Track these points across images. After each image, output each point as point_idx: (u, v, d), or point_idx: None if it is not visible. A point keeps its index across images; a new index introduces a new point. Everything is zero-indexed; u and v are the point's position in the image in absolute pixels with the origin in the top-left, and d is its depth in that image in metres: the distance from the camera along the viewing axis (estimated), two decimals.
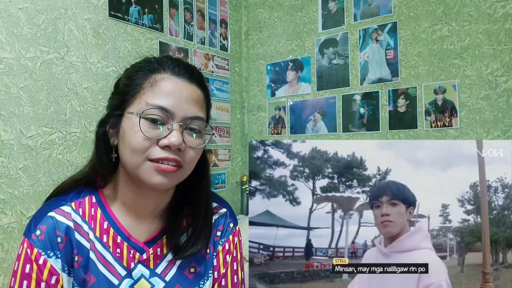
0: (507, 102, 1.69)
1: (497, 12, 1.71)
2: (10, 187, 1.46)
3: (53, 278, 0.68)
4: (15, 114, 1.47)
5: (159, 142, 0.67)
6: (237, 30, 2.58)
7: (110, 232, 0.73)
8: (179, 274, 0.76)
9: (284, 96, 2.40)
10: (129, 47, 1.88)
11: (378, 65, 2.03)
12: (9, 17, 1.46)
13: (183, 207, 0.80)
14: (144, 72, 0.72)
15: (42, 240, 0.68)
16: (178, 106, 0.69)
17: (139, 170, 0.68)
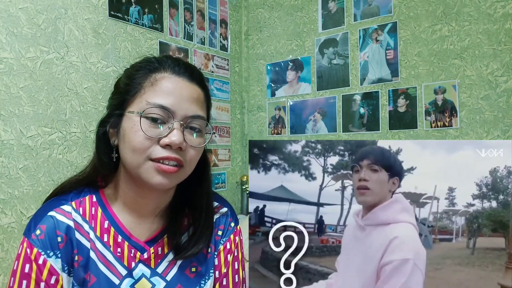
0: (507, 102, 1.69)
1: (497, 12, 1.71)
2: (10, 187, 1.46)
3: (53, 278, 0.68)
4: (15, 114, 1.47)
5: (160, 141, 0.67)
6: (237, 30, 2.58)
7: (111, 232, 0.73)
8: (180, 274, 0.76)
9: (284, 96, 2.40)
10: (129, 47, 1.88)
11: (378, 65, 2.03)
12: (9, 17, 1.46)
13: (184, 207, 0.80)
14: (145, 72, 0.72)
15: (42, 239, 0.68)
16: (179, 105, 0.69)
17: (140, 169, 0.68)
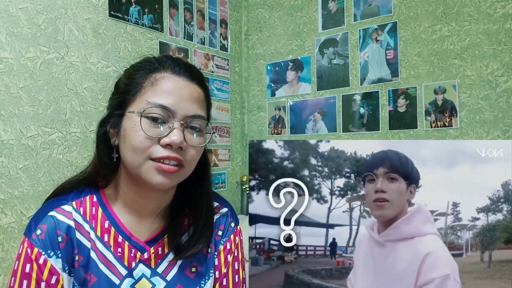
0: (507, 102, 1.69)
1: (497, 12, 1.71)
2: (10, 187, 1.46)
3: (53, 278, 0.68)
4: (15, 114, 1.47)
5: (160, 141, 0.67)
6: (237, 30, 2.58)
7: (111, 232, 0.73)
8: (180, 274, 0.76)
9: (284, 96, 2.40)
10: (129, 47, 1.88)
11: (378, 65, 2.03)
12: (9, 17, 1.46)
13: (184, 207, 0.80)
14: (145, 72, 0.72)
15: (42, 239, 0.68)
16: (179, 104, 0.69)
17: (141, 169, 0.68)
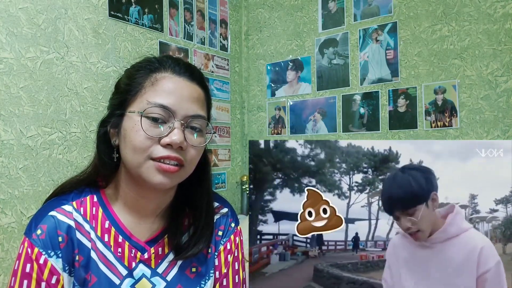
0: (507, 102, 1.69)
1: (497, 12, 1.71)
2: (10, 187, 1.46)
3: (54, 278, 0.68)
4: (15, 114, 1.47)
5: (161, 141, 0.67)
6: (237, 30, 2.58)
7: (112, 232, 0.73)
8: (180, 274, 0.76)
9: (284, 96, 2.40)
10: (129, 47, 1.88)
11: (378, 65, 2.03)
12: (9, 17, 1.46)
13: (184, 207, 0.80)
14: (145, 71, 0.72)
15: (42, 239, 0.68)
16: (179, 104, 0.69)
17: (141, 169, 0.68)
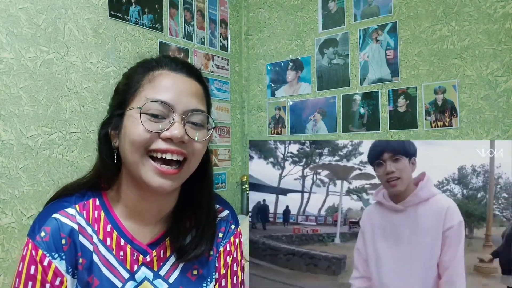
0: (507, 102, 1.69)
1: (497, 12, 1.71)
2: (10, 187, 1.45)
3: (58, 280, 0.68)
4: (15, 114, 1.47)
5: (161, 135, 0.67)
6: (237, 30, 2.58)
7: (114, 235, 0.73)
8: (182, 276, 0.76)
9: (284, 96, 2.40)
10: (129, 47, 1.88)
11: (378, 65, 2.03)
12: (9, 17, 1.46)
13: (186, 209, 0.80)
14: (142, 70, 0.72)
15: (46, 241, 0.68)
16: (178, 99, 0.68)
17: (141, 170, 0.67)
